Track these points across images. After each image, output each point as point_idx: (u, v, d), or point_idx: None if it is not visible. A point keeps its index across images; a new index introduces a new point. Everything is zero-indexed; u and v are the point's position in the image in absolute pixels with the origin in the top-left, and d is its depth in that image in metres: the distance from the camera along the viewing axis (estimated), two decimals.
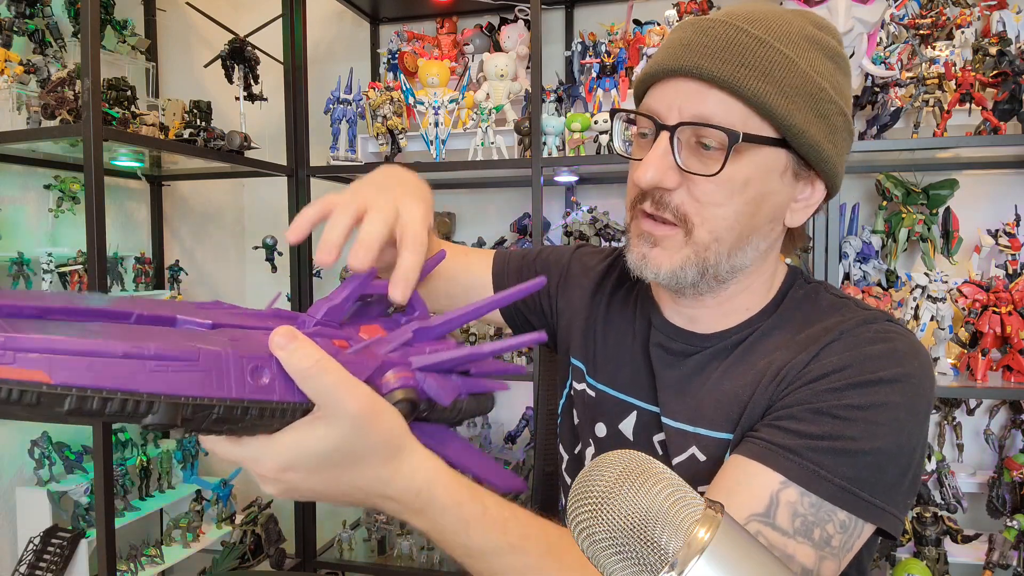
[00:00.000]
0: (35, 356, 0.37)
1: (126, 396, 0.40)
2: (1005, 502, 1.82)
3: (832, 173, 0.75)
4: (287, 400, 0.48)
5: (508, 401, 2.43)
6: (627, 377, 0.86)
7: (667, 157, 0.71)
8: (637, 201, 0.76)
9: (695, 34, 0.72)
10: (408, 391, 0.54)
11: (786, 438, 0.68)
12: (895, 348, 0.71)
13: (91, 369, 0.39)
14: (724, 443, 0.76)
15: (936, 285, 1.76)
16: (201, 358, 0.43)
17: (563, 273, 1.00)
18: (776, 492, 0.66)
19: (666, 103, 0.73)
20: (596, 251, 1.02)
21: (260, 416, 0.46)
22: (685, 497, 0.41)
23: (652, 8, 2.17)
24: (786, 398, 0.71)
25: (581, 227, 2.10)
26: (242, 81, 2.05)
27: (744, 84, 0.68)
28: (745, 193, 0.72)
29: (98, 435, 1.53)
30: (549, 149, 1.95)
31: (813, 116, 0.71)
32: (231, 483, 2.17)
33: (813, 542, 0.65)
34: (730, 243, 0.74)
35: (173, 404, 0.41)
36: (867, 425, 0.67)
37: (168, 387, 0.41)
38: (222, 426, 0.45)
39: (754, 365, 0.76)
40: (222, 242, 2.58)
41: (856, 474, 0.66)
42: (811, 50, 0.72)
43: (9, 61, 1.63)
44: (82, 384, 0.38)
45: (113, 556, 1.56)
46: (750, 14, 0.72)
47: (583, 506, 0.42)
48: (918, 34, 1.80)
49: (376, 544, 2.22)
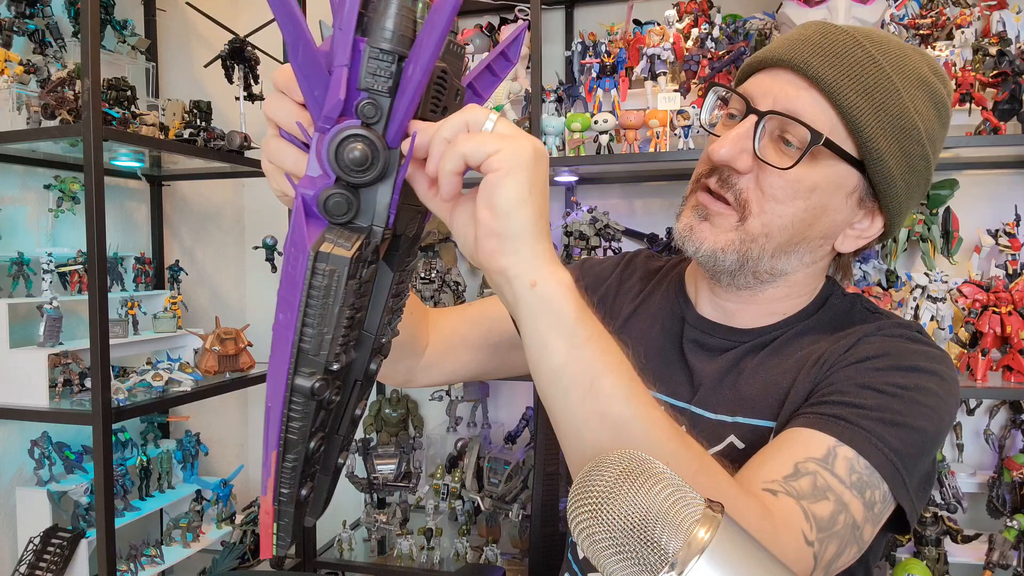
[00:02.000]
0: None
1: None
2: (1005, 502, 1.82)
3: (896, 211, 0.75)
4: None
5: (508, 401, 2.43)
6: (653, 373, 0.86)
7: (747, 139, 0.72)
8: (704, 175, 0.77)
9: (814, 33, 0.73)
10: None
11: (836, 409, 0.68)
12: (930, 350, 0.74)
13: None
14: (765, 431, 0.76)
15: (936, 285, 1.76)
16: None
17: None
18: (834, 446, 0.66)
19: (763, 89, 0.73)
20: (603, 260, 1.03)
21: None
22: (685, 497, 0.41)
23: (652, 8, 2.17)
24: (830, 377, 0.72)
25: (581, 227, 2.10)
26: (242, 81, 2.05)
27: (843, 93, 0.69)
28: (809, 199, 0.72)
29: (98, 435, 1.52)
30: (549, 149, 1.95)
31: (897, 149, 0.71)
32: (231, 483, 2.17)
33: (864, 501, 0.66)
34: (778, 243, 0.74)
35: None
36: (912, 404, 0.68)
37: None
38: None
39: (792, 356, 0.77)
40: (222, 242, 2.58)
41: (902, 447, 0.67)
42: (919, 89, 0.72)
43: (9, 61, 1.63)
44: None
45: (113, 556, 1.57)
46: (876, 36, 0.73)
47: (583, 506, 0.42)
48: (918, 34, 1.80)
49: (376, 544, 2.22)
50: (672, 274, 0.94)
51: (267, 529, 0.52)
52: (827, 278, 0.85)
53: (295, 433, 0.50)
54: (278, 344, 0.48)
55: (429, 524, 2.19)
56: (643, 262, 0.99)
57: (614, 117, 1.91)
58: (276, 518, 0.53)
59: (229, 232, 2.61)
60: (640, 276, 0.96)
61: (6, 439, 1.78)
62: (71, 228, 1.90)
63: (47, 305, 1.68)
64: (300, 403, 0.49)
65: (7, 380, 1.66)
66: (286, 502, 0.52)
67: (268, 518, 0.52)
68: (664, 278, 0.93)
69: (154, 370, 1.78)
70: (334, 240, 0.46)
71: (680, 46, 1.93)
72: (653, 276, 0.95)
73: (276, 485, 0.52)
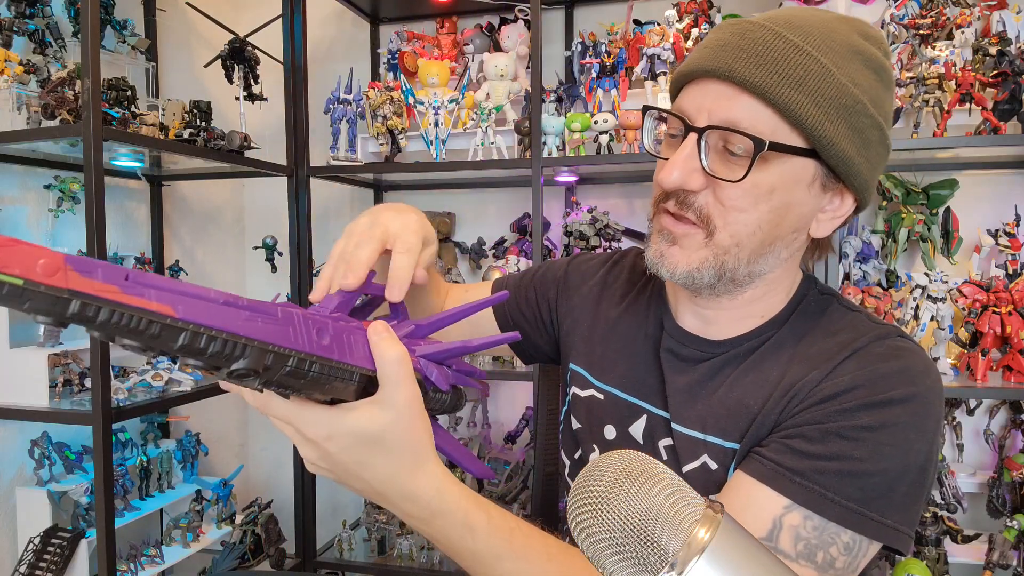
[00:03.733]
0: (164, 293, 0.43)
1: (227, 338, 0.45)
2: (1005, 502, 1.82)
3: (863, 187, 0.74)
4: (344, 362, 0.55)
5: (508, 401, 2.43)
6: (637, 380, 0.86)
7: (693, 159, 0.70)
8: (661, 200, 0.76)
9: (732, 36, 0.70)
10: (417, 374, 0.61)
11: (794, 459, 0.68)
12: (907, 366, 0.71)
13: (206, 310, 0.45)
14: (732, 452, 0.75)
15: (936, 285, 1.76)
16: (281, 314, 0.50)
17: (560, 284, 1.00)
18: (779, 516, 0.66)
19: (696, 104, 0.72)
20: (592, 257, 1.02)
21: (320, 373, 0.52)
22: (685, 497, 0.41)
23: (652, 8, 2.17)
24: (797, 416, 0.71)
25: (581, 227, 2.10)
26: (242, 81, 2.05)
27: (775, 92, 0.67)
28: (770, 201, 0.71)
29: (98, 435, 1.52)
30: (549, 149, 1.95)
31: (846, 129, 0.69)
32: (231, 483, 2.17)
33: (816, 565, 0.65)
34: (751, 249, 0.73)
35: (260, 350, 0.47)
36: (875, 446, 0.67)
37: (258, 334, 0.47)
38: (289, 380, 0.51)
39: (766, 376, 0.76)
40: (222, 242, 2.58)
41: (863, 495, 0.66)
42: (852, 61, 0.69)
43: (9, 61, 1.63)
44: (198, 322, 0.44)
45: (113, 556, 1.56)
46: (792, 20, 0.70)
47: (583, 506, 0.42)
48: (918, 34, 1.80)
49: (376, 544, 2.22)
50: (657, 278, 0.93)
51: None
52: (803, 275, 0.83)
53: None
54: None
55: None
56: (632, 262, 0.97)
57: (614, 117, 1.91)
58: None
59: (229, 232, 2.61)
60: (627, 278, 0.95)
61: (6, 439, 1.78)
62: (71, 228, 1.90)
63: None
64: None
65: (7, 380, 1.66)
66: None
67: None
68: (650, 281, 0.92)
69: (154, 370, 1.78)
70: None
71: (680, 46, 1.93)
72: (640, 278, 0.94)
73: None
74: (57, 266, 0.38)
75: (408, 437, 0.57)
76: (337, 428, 0.56)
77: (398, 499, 0.60)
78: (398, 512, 0.62)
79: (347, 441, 0.56)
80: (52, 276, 0.37)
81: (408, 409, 0.57)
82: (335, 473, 0.59)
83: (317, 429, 0.56)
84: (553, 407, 1.26)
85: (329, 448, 0.56)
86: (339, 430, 0.56)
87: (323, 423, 0.56)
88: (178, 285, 0.44)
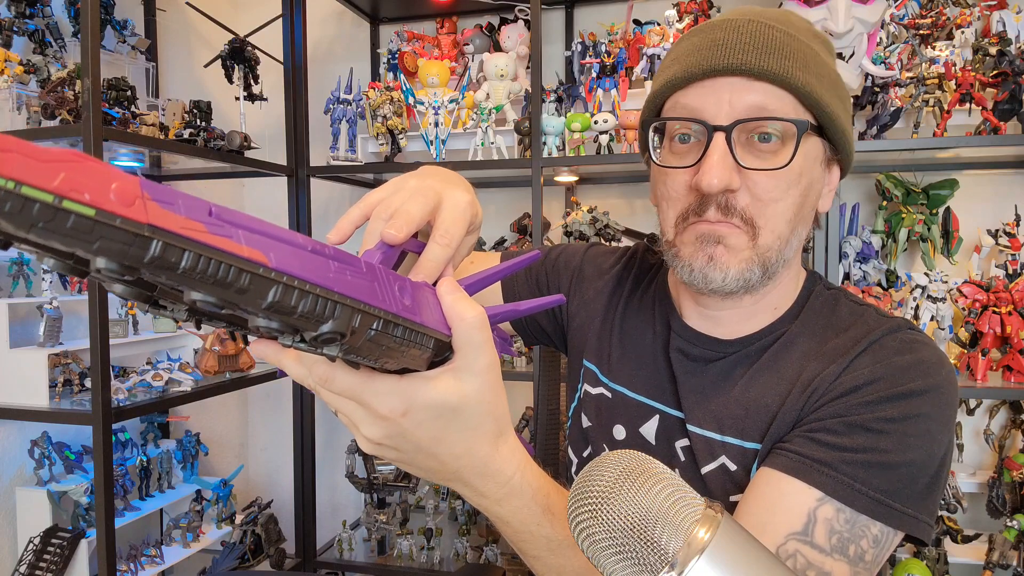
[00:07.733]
0: (254, 236, 0.34)
1: (322, 293, 0.36)
2: (1005, 502, 1.82)
3: (848, 152, 0.78)
4: (427, 325, 0.46)
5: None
6: (647, 380, 0.85)
7: (727, 158, 0.70)
8: (692, 211, 0.73)
9: (726, 33, 0.71)
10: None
11: (820, 451, 0.68)
12: (922, 358, 0.72)
13: (298, 259, 0.36)
14: (752, 453, 0.75)
15: (936, 285, 1.76)
16: (365, 267, 0.41)
17: (575, 275, 0.99)
18: (814, 509, 0.66)
19: (712, 103, 0.71)
20: (609, 251, 1.01)
21: (403, 339, 0.44)
22: (685, 497, 0.41)
23: (652, 8, 2.17)
24: (819, 410, 0.71)
25: (581, 227, 2.10)
26: (242, 81, 2.05)
27: (793, 75, 0.70)
28: (799, 184, 0.73)
29: (98, 435, 1.52)
30: (549, 149, 1.95)
31: (838, 103, 0.74)
32: (231, 483, 2.17)
33: (848, 559, 0.65)
34: (786, 238, 0.74)
35: (350, 309, 0.38)
36: (900, 437, 0.68)
37: (348, 289, 0.38)
38: (369, 346, 0.42)
39: (782, 374, 0.76)
40: None
41: (890, 486, 0.67)
42: (818, 42, 0.75)
43: (9, 61, 1.63)
44: (292, 272, 0.35)
45: (113, 556, 1.56)
46: (765, 14, 0.74)
47: (583, 506, 0.42)
48: (918, 34, 1.80)
49: (376, 544, 2.22)
50: (661, 274, 0.93)
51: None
52: (807, 271, 0.84)
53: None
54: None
55: (429, 524, 2.19)
56: (642, 259, 0.98)
57: (614, 117, 1.91)
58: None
59: None
60: (636, 275, 0.95)
61: (6, 439, 1.78)
62: None
63: (47, 305, 1.68)
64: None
65: (7, 380, 1.66)
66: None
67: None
68: (654, 279, 0.92)
69: (154, 370, 1.78)
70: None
71: None
72: (645, 275, 0.94)
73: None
74: (134, 193, 0.29)
75: (490, 408, 0.52)
76: (416, 401, 0.49)
77: (473, 476, 0.54)
78: (468, 491, 0.56)
79: (425, 415, 0.49)
80: (130, 207, 0.28)
81: (490, 376, 0.51)
82: (403, 452, 0.52)
83: (393, 403, 0.48)
84: (553, 407, 1.26)
85: (404, 424, 0.49)
86: (417, 403, 0.49)
87: (399, 396, 0.48)
88: (264, 225, 0.35)
